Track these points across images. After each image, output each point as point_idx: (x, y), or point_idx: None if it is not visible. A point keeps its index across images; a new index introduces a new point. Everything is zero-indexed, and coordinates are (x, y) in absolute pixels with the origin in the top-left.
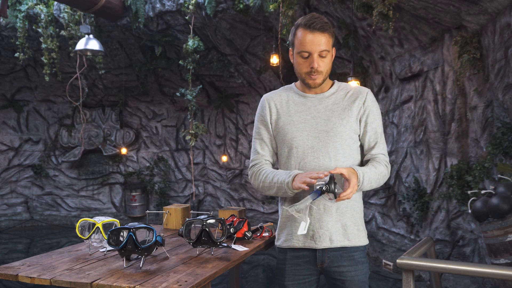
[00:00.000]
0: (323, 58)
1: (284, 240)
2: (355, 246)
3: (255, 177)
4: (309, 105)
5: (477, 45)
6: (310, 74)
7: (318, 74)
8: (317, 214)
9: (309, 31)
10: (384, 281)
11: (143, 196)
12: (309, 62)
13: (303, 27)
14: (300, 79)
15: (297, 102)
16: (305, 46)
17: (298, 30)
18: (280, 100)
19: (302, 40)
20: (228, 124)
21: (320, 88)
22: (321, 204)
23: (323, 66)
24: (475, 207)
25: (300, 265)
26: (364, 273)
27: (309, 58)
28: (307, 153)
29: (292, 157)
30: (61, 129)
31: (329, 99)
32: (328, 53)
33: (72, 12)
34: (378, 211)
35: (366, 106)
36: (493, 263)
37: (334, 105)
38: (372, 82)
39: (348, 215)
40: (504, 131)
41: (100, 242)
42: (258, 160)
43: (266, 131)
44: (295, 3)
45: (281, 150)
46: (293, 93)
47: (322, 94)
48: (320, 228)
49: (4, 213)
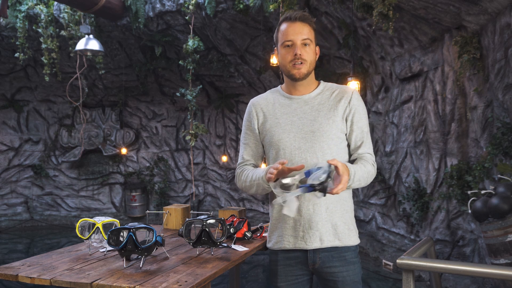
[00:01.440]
0: (306, 47)
1: (275, 242)
2: (346, 246)
3: (239, 178)
4: (295, 107)
5: (477, 45)
6: (294, 62)
7: (303, 63)
8: (306, 214)
9: (290, 22)
10: (384, 281)
11: (143, 196)
12: (293, 50)
13: (285, 20)
14: (286, 73)
15: (283, 104)
16: (287, 35)
17: (281, 25)
18: (266, 103)
19: (284, 31)
20: (228, 124)
21: (305, 88)
22: (310, 204)
23: (306, 55)
24: (475, 207)
25: (292, 266)
26: (356, 273)
27: (292, 46)
28: (294, 154)
29: (279, 158)
30: (61, 129)
31: (315, 99)
32: (311, 43)
33: (72, 12)
34: (378, 211)
35: (352, 105)
36: (493, 263)
37: (320, 105)
38: (372, 82)
39: (337, 215)
40: (504, 131)
41: (100, 242)
42: (243, 163)
43: (253, 137)
44: (295, 3)
45: (268, 152)
46: (279, 95)
47: (308, 95)
48: (310, 228)
49: (4, 213)
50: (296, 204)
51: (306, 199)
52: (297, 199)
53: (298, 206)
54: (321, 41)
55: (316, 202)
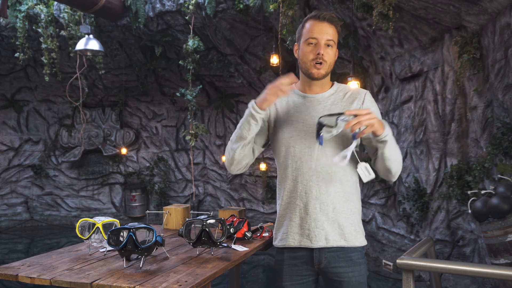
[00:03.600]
0: (329, 48)
1: (280, 239)
2: (352, 247)
3: (226, 151)
4: (308, 106)
5: (477, 45)
6: (316, 61)
7: (323, 64)
8: (313, 213)
9: (318, 21)
10: (384, 281)
11: (143, 196)
12: (316, 49)
13: (313, 18)
14: (304, 70)
15: (296, 102)
16: (313, 33)
17: (307, 22)
18: (281, 100)
19: (310, 28)
20: (228, 124)
21: (319, 88)
22: (317, 203)
23: (327, 56)
24: (475, 207)
25: (298, 266)
26: (362, 274)
27: (316, 45)
28: (304, 152)
29: (289, 156)
30: (61, 129)
31: (328, 99)
32: (334, 45)
33: (72, 12)
34: (378, 211)
35: (365, 106)
36: (493, 263)
37: (333, 106)
38: (372, 82)
39: (344, 215)
40: (504, 131)
41: (100, 242)
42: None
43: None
44: (295, 3)
45: (279, 149)
46: (293, 93)
47: (322, 95)
48: (316, 227)
49: (4, 213)
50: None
51: (313, 197)
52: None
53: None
54: None
55: (323, 201)
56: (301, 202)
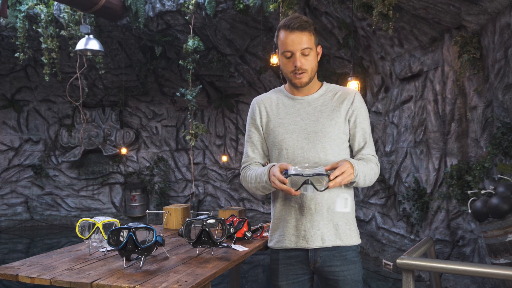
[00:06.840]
0: (306, 56)
1: (276, 241)
2: (347, 246)
3: (244, 179)
4: (298, 107)
5: (477, 45)
6: (295, 73)
7: (303, 73)
8: (308, 214)
9: (289, 31)
10: (384, 281)
11: (143, 196)
12: (293, 62)
13: (283, 28)
14: (288, 80)
15: (286, 104)
16: (286, 46)
17: (279, 32)
18: (270, 102)
19: (283, 40)
20: (228, 124)
21: (308, 89)
22: (312, 203)
23: (306, 64)
24: (475, 207)
25: (293, 265)
26: (357, 273)
27: (292, 57)
28: (297, 154)
29: (282, 158)
30: (61, 129)
31: (318, 100)
32: (311, 51)
33: (72, 12)
34: (378, 211)
35: (355, 107)
36: (493, 263)
37: (323, 107)
38: (372, 82)
39: (339, 215)
40: (504, 131)
41: (100, 242)
42: (248, 162)
43: (257, 134)
44: (295, 3)
45: (271, 151)
46: (282, 95)
47: (311, 96)
48: (312, 228)
49: (4, 213)
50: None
51: (308, 198)
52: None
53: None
54: (321, 41)
55: (318, 202)
56: (296, 203)
